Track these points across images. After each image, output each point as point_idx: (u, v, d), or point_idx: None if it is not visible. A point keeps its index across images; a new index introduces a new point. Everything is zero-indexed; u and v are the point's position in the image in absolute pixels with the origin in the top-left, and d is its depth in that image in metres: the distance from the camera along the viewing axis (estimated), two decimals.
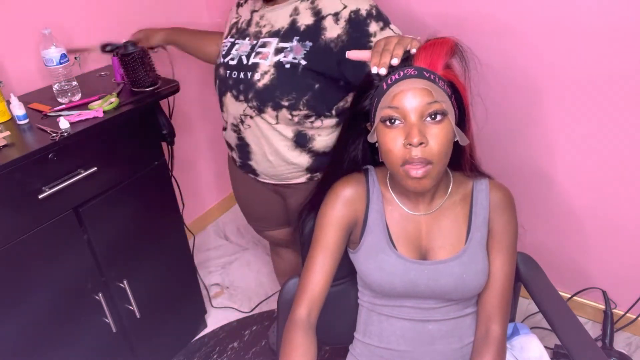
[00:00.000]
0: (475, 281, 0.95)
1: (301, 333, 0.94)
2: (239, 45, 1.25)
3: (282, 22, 1.19)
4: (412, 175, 0.85)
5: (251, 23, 1.26)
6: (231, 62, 1.24)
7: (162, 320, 1.67)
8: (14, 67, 1.46)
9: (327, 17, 1.14)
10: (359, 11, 1.13)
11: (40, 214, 1.21)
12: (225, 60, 1.26)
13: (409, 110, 0.85)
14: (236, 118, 1.25)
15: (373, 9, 1.14)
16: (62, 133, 1.19)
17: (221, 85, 1.27)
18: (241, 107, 1.22)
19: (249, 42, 1.23)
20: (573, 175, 1.60)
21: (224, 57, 1.26)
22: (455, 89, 0.90)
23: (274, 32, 1.19)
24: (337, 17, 1.13)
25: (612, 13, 1.32)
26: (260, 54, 1.19)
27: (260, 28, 1.23)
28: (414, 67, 0.87)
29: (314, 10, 1.16)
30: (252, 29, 1.25)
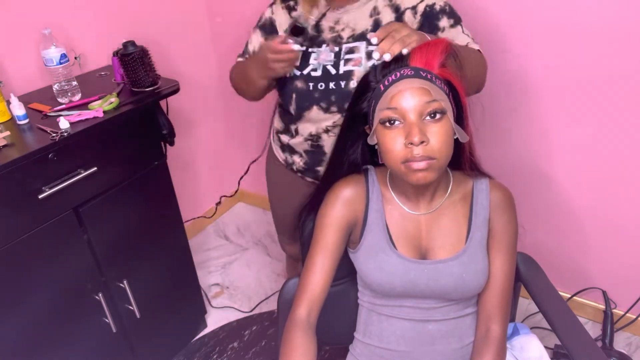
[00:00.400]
0: (475, 281, 0.95)
1: (301, 333, 0.94)
2: (317, 53, 1.16)
3: (363, 23, 1.14)
4: (415, 167, 0.85)
5: (322, 29, 1.18)
6: (314, 73, 1.16)
7: (162, 320, 1.67)
8: (14, 67, 1.46)
9: (405, 12, 1.13)
10: (434, 5, 1.12)
11: (40, 214, 1.21)
12: (302, 72, 1.17)
13: (407, 110, 0.85)
14: (320, 129, 1.20)
15: (447, 5, 1.14)
16: (62, 133, 1.19)
17: (302, 99, 1.19)
18: (331, 118, 1.17)
19: (329, 50, 1.16)
20: (573, 175, 1.60)
21: (300, 69, 1.18)
22: (452, 86, 0.91)
23: (358, 36, 1.14)
24: (414, 11, 1.12)
25: (612, 12, 1.32)
26: (350, 60, 1.13)
27: (338, 33, 1.16)
28: (410, 68, 0.88)
29: (393, 7, 1.14)
30: (327, 35, 1.17)
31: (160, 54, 1.53)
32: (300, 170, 1.32)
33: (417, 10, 1.13)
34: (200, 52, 2.14)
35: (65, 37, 1.56)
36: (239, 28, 2.03)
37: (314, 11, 1.19)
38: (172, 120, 1.53)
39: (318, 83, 1.16)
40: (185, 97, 1.84)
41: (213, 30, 2.14)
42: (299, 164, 1.30)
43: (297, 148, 1.28)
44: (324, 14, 1.18)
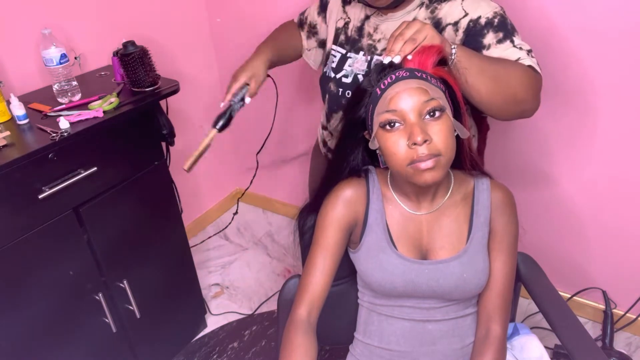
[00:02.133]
0: (475, 281, 0.95)
1: (301, 333, 0.94)
2: (353, 60, 1.15)
3: None
4: (422, 167, 0.84)
5: (363, 33, 1.15)
6: (345, 79, 1.16)
7: (162, 320, 1.67)
8: (14, 67, 1.46)
9: (446, 28, 1.06)
10: (479, 19, 1.03)
11: (40, 214, 1.21)
12: (336, 75, 1.17)
13: (407, 111, 0.85)
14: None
15: (497, 17, 1.03)
16: (62, 133, 1.19)
17: (332, 102, 1.20)
18: None
19: (364, 59, 1.14)
20: (573, 176, 1.60)
21: (335, 71, 1.17)
22: (448, 84, 0.91)
23: None
24: (456, 27, 1.05)
25: (612, 12, 1.32)
26: None
27: (374, 42, 1.13)
28: (404, 69, 0.88)
29: (433, 20, 1.08)
30: (365, 41, 1.15)
31: (160, 54, 1.53)
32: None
33: (459, 26, 1.04)
34: (200, 52, 2.14)
35: (65, 37, 1.56)
36: (239, 28, 2.03)
37: (362, 12, 1.17)
38: (172, 120, 1.53)
39: (346, 90, 1.16)
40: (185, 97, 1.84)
41: (213, 30, 2.14)
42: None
43: (329, 143, 1.32)
44: (368, 17, 1.16)
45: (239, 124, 2.46)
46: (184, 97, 1.79)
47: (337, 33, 1.22)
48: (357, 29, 1.17)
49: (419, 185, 0.88)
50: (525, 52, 1.03)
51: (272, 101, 1.66)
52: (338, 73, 1.17)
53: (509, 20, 1.05)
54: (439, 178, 0.86)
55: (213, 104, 2.26)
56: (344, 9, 1.21)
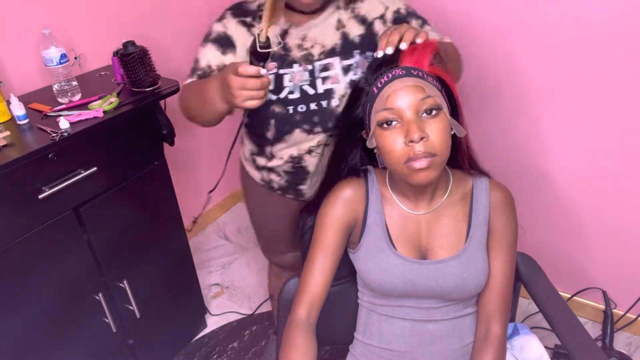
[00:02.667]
0: (475, 281, 0.95)
1: (301, 333, 0.94)
2: (290, 75, 1.09)
3: (332, 38, 1.10)
4: (417, 167, 0.84)
5: (289, 47, 1.10)
6: (291, 95, 1.10)
7: (162, 320, 1.67)
8: (14, 67, 1.46)
9: (374, 22, 1.10)
10: (399, 10, 1.11)
11: (40, 214, 1.21)
12: (279, 95, 1.10)
13: (404, 109, 0.85)
14: (302, 150, 1.15)
15: (409, 7, 1.13)
16: (62, 133, 1.19)
17: (283, 124, 1.12)
18: (315, 139, 1.13)
19: (302, 69, 1.09)
20: (573, 175, 1.60)
21: (275, 92, 1.10)
22: (444, 82, 0.91)
23: (329, 51, 1.10)
24: (383, 20, 1.10)
25: (609, 10, 1.32)
26: (328, 78, 1.09)
27: (308, 50, 1.10)
28: (401, 67, 0.88)
29: (358, 18, 1.10)
30: (296, 54, 1.10)
31: (160, 54, 1.53)
32: (281, 188, 1.26)
33: (386, 18, 1.11)
34: None
35: (65, 37, 1.55)
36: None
37: (275, 28, 1.10)
38: (172, 120, 1.53)
39: (298, 105, 1.10)
40: None
41: None
42: (279, 182, 1.24)
43: (278, 169, 1.22)
44: (286, 31, 1.10)
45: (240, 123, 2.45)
46: None
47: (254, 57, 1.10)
48: (279, 46, 1.10)
49: (414, 184, 0.89)
50: (440, 34, 1.15)
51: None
52: (280, 93, 1.10)
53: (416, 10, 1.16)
54: (434, 178, 0.87)
55: None
56: (250, 32, 1.11)
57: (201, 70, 1.13)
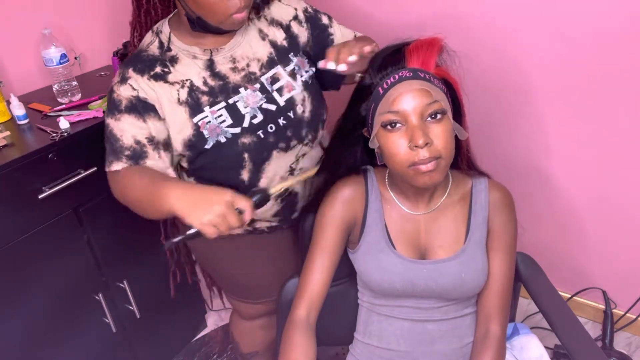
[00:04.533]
0: (474, 281, 0.95)
1: (300, 333, 0.94)
2: (241, 101, 1.01)
3: (262, 50, 1.05)
4: (423, 170, 0.84)
5: (223, 74, 1.01)
6: (254, 120, 1.01)
7: (162, 320, 1.67)
8: (14, 67, 1.46)
9: (291, 25, 1.10)
10: (307, 9, 1.13)
11: (40, 214, 1.21)
12: (243, 125, 1.01)
13: (409, 112, 0.85)
14: (285, 173, 1.08)
15: (309, 6, 1.14)
16: (62, 133, 1.19)
17: (257, 153, 1.02)
18: (293, 153, 1.07)
19: (250, 91, 1.02)
20: (573, 175, 1.60)
21: (236, 125, 1.00)
22: (449, 84, 0.91)
23: (267, 63, 1.05)
24: (298, 20, 1.11)
25: (612, 11, 1.32)
26: (282, 88, 1.04)
27: (245, 70, 1.03)
28: (408, 69, 0.87)
29: (274, 23, 1.08)
30: (234, 78, 1.02)
31: None
32: (271, 228, 1.16)
33: (299, 18, 1.10)
34: None
35: (65, 37, 1.56)
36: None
37: (198, 63, 1.01)
38: None
39: (267, 126, 1.02)
40: None
41: None
42: (268, 225, 1.14)
43: (266, 214, 1.11)
44: (210, 60, 1.01)
45: None
46: None
47: (191, 103, 0.99)
48: (211, 77, 1.01)
49: (419, 186, 0.89)
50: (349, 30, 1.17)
51: None
52: (243, 122, 1.00)
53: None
54: (439, 180, 0.87)
55: None
56: (167, 82, 0.99)
57: (129, 150, 0.98)
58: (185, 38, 1.01)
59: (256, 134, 1.02)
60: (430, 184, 0.86)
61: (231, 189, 0.89)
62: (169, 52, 1.01)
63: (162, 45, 1.01)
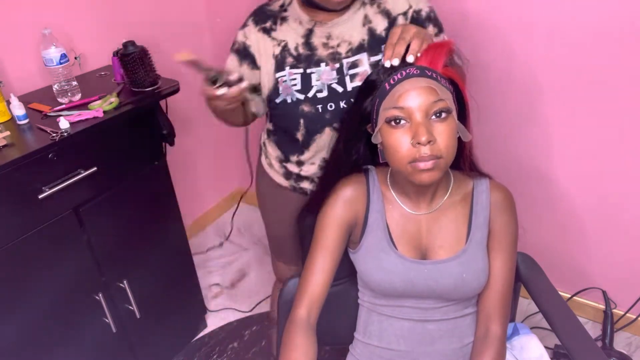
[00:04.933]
0: (475, 281, 0.95)
1: (301, 333, 0.94)
2: (317, 74, 1.10)
3: (359, 34, 1.09)
4: (421, 167, 0.85)
5: (314, 46, 1.11)
6: (320, 94, 1.09)
7: (162, 320, 1.67)
8: (14, 67, 1.46)
9: (398, 18, 1.10)
10: (421, 11, 1.10)
11: (40, 214, 1.21)
12: (308, 94, 1.10)
13: (414, 109, 0.85)
14: None
15: (432, 12, 1.11)
16: (62, 133, 1.19)
17: (312, 123, 1.12)
18: None
19: (329, 68, 1.09)
20: (573, 175, 1.60)
21: (303, 92, 1.10)
22: (455, 85, 0.91)
23: (357, 48, 1.09)
24: (405, 17, 1.10)
25: (613, 12, 1.32)
26: (357, 75, 1.08)
27: (334, 49, 1.10)
28: (415, 67, 0.88)
29: (384, 13, 1.10)
30: (322, 52, 1.10)
31: (160, 54, 1.53)
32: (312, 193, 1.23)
33: (407, 15, 1.10)
34: (200, 52, 2.13)
35: (65, 37, 1.55)
36: (239, 28, 2.03)
37: (299, 29, 1.12)
38: (172, 120, 1.53)
39: (327, 104, 1.10)
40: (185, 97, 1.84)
41: (213, 30, 2.13)
42: (311, 189, 1.24)
43: (309, 174, 1.21)
44: (311, 30, 1.11)
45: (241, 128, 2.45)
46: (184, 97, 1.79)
47: (278, 60, 1.13)
48: (304, 46, 1.11)
49: (416, 184, 0.89)
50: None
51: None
52: (308, 92, 1.10)
53: (439, 17, 1.14)
54: (437, 179, 0.87)
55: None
56: (270, 37, 1.13)
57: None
58: (302, 6, 1.11)
59: (315, 107, 1.11)
60: (428, 182, 0.86)
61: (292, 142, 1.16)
62: (284, 12, 1.14)
63: (282, 5, 1.15)
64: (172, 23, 1.95)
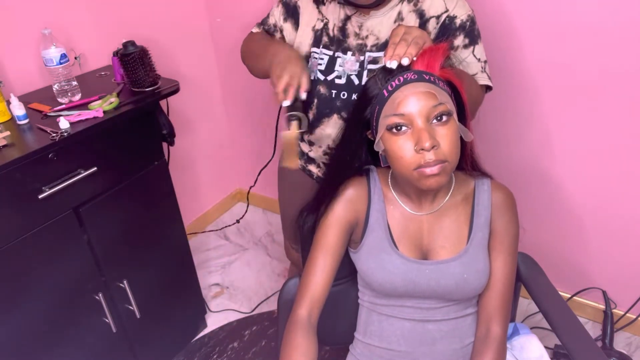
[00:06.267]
0: (476, 281, 0.95)
1: (301, 333, 0.94)
2: (342, 60, 1.12)
3: (387, 30, 1.10)
4: (428, 173, 0.84)
5: (347, 33, 1.13)
6: (338, 80, 1.13)
7: (162, 320, 1.67)
8: (14, 67, 1.46)
9: (430, 20, 1.09)
10: (454, 19, 1.08)
11: (40, 214, 1.21)
12: (327, 77, 1.14)
13: (415, 115, 0.84)
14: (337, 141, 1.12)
15: (469, 21, 1.09)
16: (62, 133, 1.19)
17: (324, 106, 1.15)
18: None
19: (354, 59, 1.11)
20: (573, 175, 1.60)
21: (325, 73, 1.14)
22: (453, 86, 0.91)
23: (382, 45, 1.10)
24: (438, 21, 1.09)
25: (614, 12, 1.32)
26: (373, 71, 1.08)
27: (362, 40, 1.11)
28: (412, 71, 0.87)
29: (417, 12, 1.09)
30: (351, 41, 1.12)
31: (160, 54, 1.53)
32: (317, 179, 1.30)
33: (440, 19, 1.09)
34: (200, 52, 2.14)
35: (65, 37, 1.55)
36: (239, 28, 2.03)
37: (341, 12, 1.14)
38: (172, 120, 1.53)
39: (341, 91, 1.13)
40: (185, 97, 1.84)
41: (213, 30, 2.14)
42: (317, 173, 1.29)
43: (316, 159, 1.27)
44: (349, 16, 1.13)
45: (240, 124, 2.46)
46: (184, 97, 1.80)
47: (317, 35, 1.17)
48: (339, 29, 1.14)
49: (424, 189, 0.88)
50: (481, 66, 1.12)
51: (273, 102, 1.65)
52: (329, 75, 1.14)
53: (477, 25, 1.11)
54: (444, 183, 0.87)
55: (213, 104, 2.27)
56: (318, 10, 1.17)
57: (268, 26, 1.27)
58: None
59: (330, 91, 1.14)
60: (435, 187, 0.86)
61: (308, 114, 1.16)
62: None
63: None
64: (172, 23, 1.95)
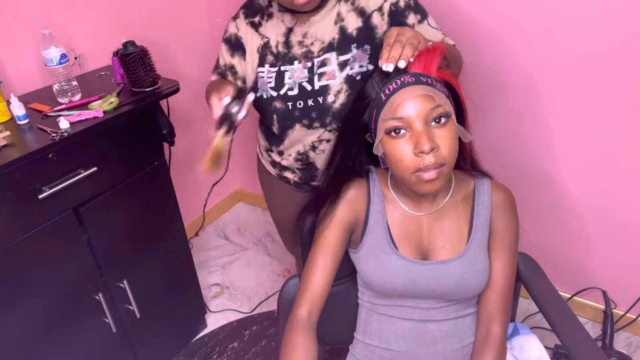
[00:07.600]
0: (476, 281, 0.95)
1: (302, 333, 0.94)
2: (290, 72, 1.13)
3: (330, 33, 1.11)
4: (426, 178, 0.84)
5: (291, 44, 1.14)
6: (290, 92, 1.13)
7: (162, 320, 1.67)
8: (14, 67, 1.46)
9: (373, 14, 1.10)
10: (398, 2, 1.09)
11: (40, 214, 1.21)
12: (280, 92, 1.14)
13: (413, 118, 0.84)
14: (307, 146, 1.18)
15: (409, 0, 1.11)
16: (62, 133, 1.19)
17: (284, 119, 1.16)
18: (316, 133, 1.15)
19: (302, 66, 1.12)
20: (573, 175, 1.60)
21: (276, 89, 1.14)
22: (451, 87, 0.91)
23: (327, 47, 1.11)
24: (381, 12, 1.10)
25: (614, 11, 1.32)
26: (324, 74, 1.11)
27: (307, 47, 1.13)
28: (410, 74, 0.87)
29: (357, 10, 1.10)
30: (296, 51, 1.13)
31: (160, 54, 1.53)
32: (295, 184, 1.30)
33: (383, 10, 1.09)
34: (200, 52, 2.14)
35: (65, 37, 1.55)
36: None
37: (281, 26, 1.15)
38: (172, 120, 1.53)
39: (297, 102, 1.13)
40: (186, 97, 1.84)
41: (213, 30, 2.14)
42: (293, 179, 1.29)
43: (290, 166, 1.26)
44: (291, 29, 1.14)
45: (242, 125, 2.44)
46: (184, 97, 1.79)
47: (261, 55, 1.17)
48: (283, 44, 1.14)
49: (422, 193, 0.89)
50: (442, 32, 1.14)
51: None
52: (280, 90, 1.14)
53: (420, 2, 1.13)
54: (441, 187, 0.87)
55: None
56: (258, 32, 1.17)
57: (220, 69, 1.26)
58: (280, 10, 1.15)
59: (286, 104, 1.14)
60: (433, 191, 0.87)
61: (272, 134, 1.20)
62: (270, 8, 1.17)
63: (269, 1, 1.17)
64: (172, 23, 1.95)
